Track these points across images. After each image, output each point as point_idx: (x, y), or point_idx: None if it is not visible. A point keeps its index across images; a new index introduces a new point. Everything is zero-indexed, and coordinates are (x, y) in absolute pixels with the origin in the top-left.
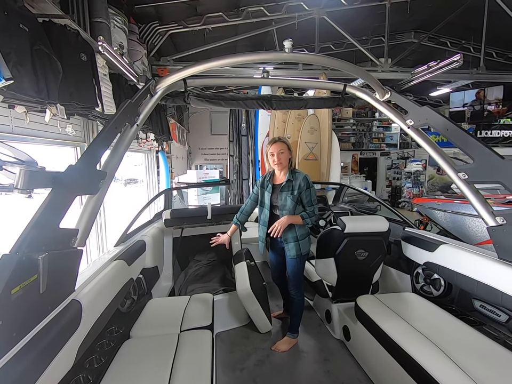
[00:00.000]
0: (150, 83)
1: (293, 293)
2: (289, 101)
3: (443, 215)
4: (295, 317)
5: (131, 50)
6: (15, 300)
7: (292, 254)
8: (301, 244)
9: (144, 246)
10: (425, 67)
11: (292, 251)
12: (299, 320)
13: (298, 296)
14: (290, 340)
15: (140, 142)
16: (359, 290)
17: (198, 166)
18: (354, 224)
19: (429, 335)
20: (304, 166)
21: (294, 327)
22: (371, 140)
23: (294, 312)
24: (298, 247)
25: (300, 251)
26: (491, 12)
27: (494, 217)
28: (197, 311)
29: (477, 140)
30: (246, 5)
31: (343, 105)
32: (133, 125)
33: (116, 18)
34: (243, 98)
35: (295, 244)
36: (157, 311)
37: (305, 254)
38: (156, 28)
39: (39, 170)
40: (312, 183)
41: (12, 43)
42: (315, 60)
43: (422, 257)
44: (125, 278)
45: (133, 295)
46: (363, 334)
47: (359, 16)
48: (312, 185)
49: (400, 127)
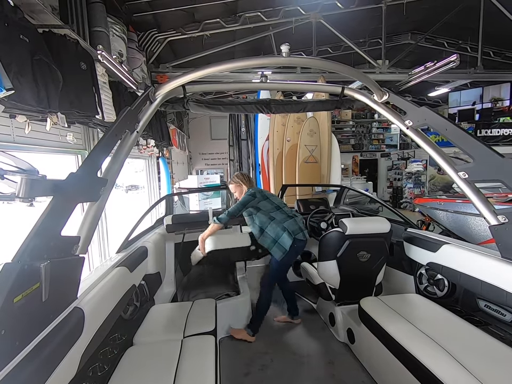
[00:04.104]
0: (149, 90)
1: (260, 289)
2: (287, 105)
3: (445, 214)
4: (255, 313)
5: (130, 58)
6: (18, 309)
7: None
8: (272, 250)
9: (146, 252)
10: (422, 68)
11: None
12: (257, 317)
13: (263, 294)
14: (245, 334)
15: (141, 148)
16: (362, 293)
17: (199, 171)
18: (355, 226)
19: (434, 336)
20: (305, 168)
21: (252, 323)
22: (371, 141)
23: (255, 306)
24: (273, 251)
25: (273, 256)
26: (487, 12)
27: (495, 215)
28: (200, 317)
29: (476, 139)
30: (243, 11)
31: (342, 107)
32: (133, 131)
33: (114, 27)
34: (242, 103)
35: (271, 250)
36: (159, 317)
37: (280, 259)
38: (154, 36)
39: (40, 179)
40: (246, 195)
41: (13, 54)
42: (312, 63)
43: (425, 258)
44: (127, 284)
45: (136, 301)
46: (367, 337)
47: (355, 19)
48: (244, 197)
49: (399, 128)
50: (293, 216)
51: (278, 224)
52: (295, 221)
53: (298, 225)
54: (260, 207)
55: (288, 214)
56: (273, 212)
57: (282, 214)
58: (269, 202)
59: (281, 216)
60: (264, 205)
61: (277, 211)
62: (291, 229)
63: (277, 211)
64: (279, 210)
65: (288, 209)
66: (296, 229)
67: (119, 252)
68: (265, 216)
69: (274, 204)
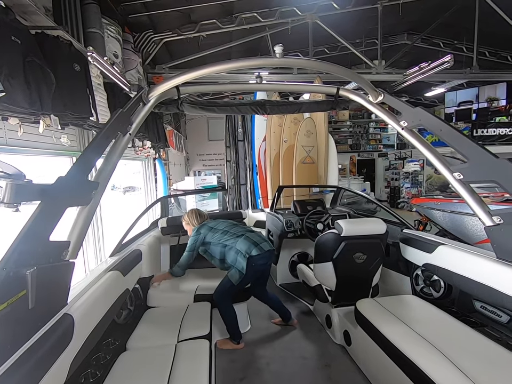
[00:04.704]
0: (142, 91)
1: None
2: (283, 106)
3: (442, 214)
4: (226, 326)
5: (126, 59)
6: (2, 317)
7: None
8: (229, 274)
9: (141, 255)
10: (417, 68)
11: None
12: (231, 328)
13: (222, 309)
14: (231, 344)
15: (137, 150)
16: (358, 294)
17: (197, 172)
18: (351, 227)
19: (430, 338)
20: (302, 169)
21: (230, 334)
22: (368, 141)
23: (223, 320)
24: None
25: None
26: (482, 12)
27: (490, 216)
28: (195, 320)
29: (470, 140)
30: (239, 12)
31: (337, 108)
32: (126, 134)
33: (109, 28)
34: (236, 104)
35: (229, 275)
36: (154, 322)
37: (236, 283)
38: (150, 37)
39: (26, 184)
40: (191, 238)
41: (4, 56)
42: (305, 64)
43: (421, 259)
44: (120, 288)
45: (130, 305)
46: (364, 339)
47: (352, 20)
48: (189, 240)
49: (395, 128)
50: (242, 234)
51: (231, 249)
52: (246, 238)
53: (250, 241)
54: (209, 240)
55: (237, 234)
56: (223, 239)
57: (231, 237)
58: (215, 232)
59: (230, 240)
60: (212, 237)
61: (226, 236)
62: (243, 249)
63: (226, 236)
64: (227, 234)
65: (236, 229)
66: (248, 247)
67: (113, 255)
68: (219, 246)
69: (221, 231)
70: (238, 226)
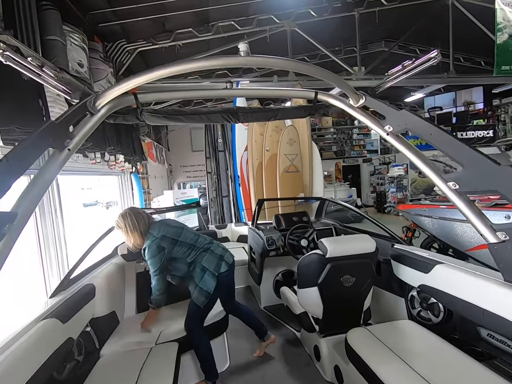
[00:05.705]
0: (88, 99)
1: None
2: (257, 112)
3: (430, 221)
4: (201, 363)
5: (93, 68)
6: None
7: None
8: (193, 296)
9: (94, 291)
10: (400, 67)
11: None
12: (206, 365)
13: (195, 340)
14: None
15: (110, 164)
16: (349, 321)
17: (181, 184)
18: (337, 247)
19: (430, 377)
20: (286, 178)
21: (205, 373)
22: (352, 147)
23: (197, 357)
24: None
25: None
26: (455, 19)
27: (494, 232)
28: (156, 368)
29: (465, 145)
30: (215, 20)
31: (316, 114)
32: (63, 150)
33: (73, 35)
34: (206, 112)
35: (192, 297)
36: (106, 374)
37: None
38: (123, 46)
39: None
40: (151, 254)
41: None
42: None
43: (416, 280)
44: (58, 339)
45: (77, 355)
46: (356, 378)
47: (330, 27)
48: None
49: (379, 134)
50: (207, 247)
51: (197, 266)
52: (212, 252)
53: (217, 256)
54: (174, 256)
55: (203, 248)
56: (189, 254)
57: (196, 252)
58: (181, 246)
59: (198, 255)
60: (177, 251)
61: (193, 251)
62: (211, 266)
63: (192, 251)
64: (193, 249)
65: (201, 239)
66: (216, 263)
67: (54, 295)
68: (183, 263)
69: (187, 244)
70: (201, 237)
